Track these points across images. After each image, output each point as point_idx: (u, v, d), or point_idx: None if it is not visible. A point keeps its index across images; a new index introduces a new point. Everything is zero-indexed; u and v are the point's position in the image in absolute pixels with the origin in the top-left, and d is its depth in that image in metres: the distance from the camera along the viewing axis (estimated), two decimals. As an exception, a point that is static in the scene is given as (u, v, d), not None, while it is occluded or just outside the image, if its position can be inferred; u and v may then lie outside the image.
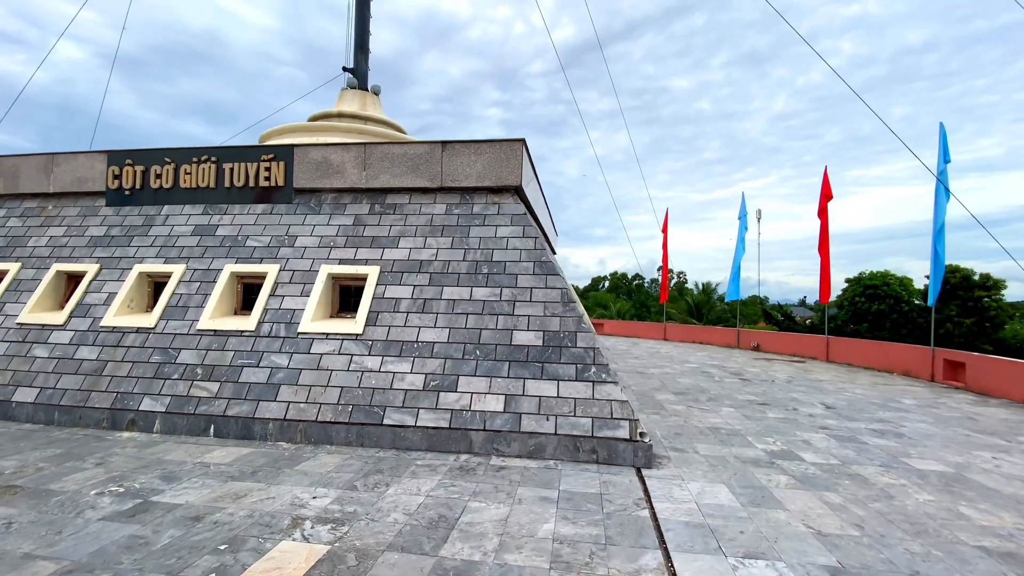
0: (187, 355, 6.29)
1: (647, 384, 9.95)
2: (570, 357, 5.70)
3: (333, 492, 4.27)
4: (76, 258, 7.53)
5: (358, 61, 13.04)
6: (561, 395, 5.45)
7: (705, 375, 11.47)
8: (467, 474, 4.75)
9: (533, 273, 6.38)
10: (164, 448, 5.35)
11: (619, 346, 17.88)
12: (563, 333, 5.87)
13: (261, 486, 4.39)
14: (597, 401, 5.37)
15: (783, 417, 7.45)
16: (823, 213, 14.25)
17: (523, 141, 7.03)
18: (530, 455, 5.22)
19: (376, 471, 4.78)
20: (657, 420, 7.01)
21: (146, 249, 7.44)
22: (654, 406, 7.92)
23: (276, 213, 7.49)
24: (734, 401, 8.54)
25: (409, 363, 5.85)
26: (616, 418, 5.23)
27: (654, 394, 8.93)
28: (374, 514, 3.87)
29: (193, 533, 3.54)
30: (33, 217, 8.15)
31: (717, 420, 7.12)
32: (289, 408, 5.69)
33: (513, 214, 6.95)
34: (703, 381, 10.60)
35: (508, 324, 6.02)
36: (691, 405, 8.09)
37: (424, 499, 4.15)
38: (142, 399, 5.98)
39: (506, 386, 5.56)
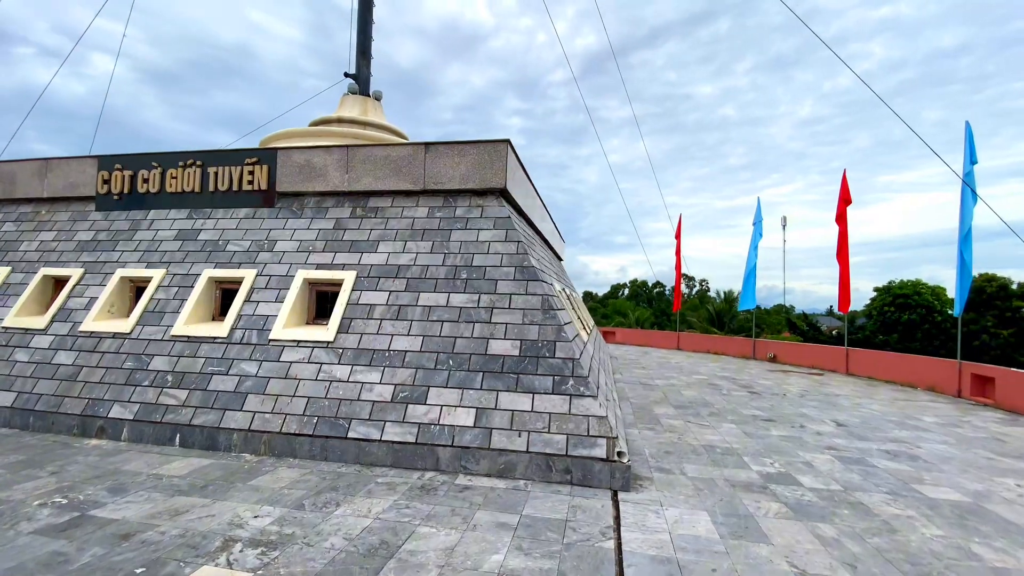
0: (159, 361, 6.15)
1: (648, 396, 9.49)
2: (547, 368, 5.35)
3: (278, 511, 4.01)
4: (63, 263, 7.53)
5: (360, 66, 13.00)
6: (536, 409, 5.10)
7: (712, 387, 10.93)
8: (427, 494, 4.43)
9: (514, 278, 6.06)
10: (125, 457, 5.18)
11: (628, 355, 17.36)
12: (541, 342, 5.53)
13: (206, 502, 4.15)
14: (573, 416, 5.00)
15: (787, 435, 6.93)
16: (842, 218, 13.57)
17: (507, 142, 6.74)
18: (500, 474, 4.88)
19: (331, 488, 4.51)
20: (650, 436, 6.59)
21: (130, 254, 7.39)
22: (650, 421, 7.48)
23: (258, 217, 7.36)
24: (737, 416, 8.03)
25: (379, 373, 5.59)
26: (593, 435, 4.86)
27: (653, 407, 8.48)
28: (312, 538, 3.58)
29: (116, 553, 3.31)
30: (27, 222, 8.21)
31: (714, 437, 6.65)
32: (255, 418, 5.47)
33: (497, 217, 6.65)
34: (709, 394, 10.07)
35: (484, 332, 5.70)
36: (690, 420, 7.63)
37: (372, 522, 3.86)
38: (112, 406, 5.86)
39: (478, 399, 5.24)
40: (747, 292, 17.12)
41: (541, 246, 9.25)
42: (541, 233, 10.61)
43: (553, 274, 8.49)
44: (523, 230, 7.19)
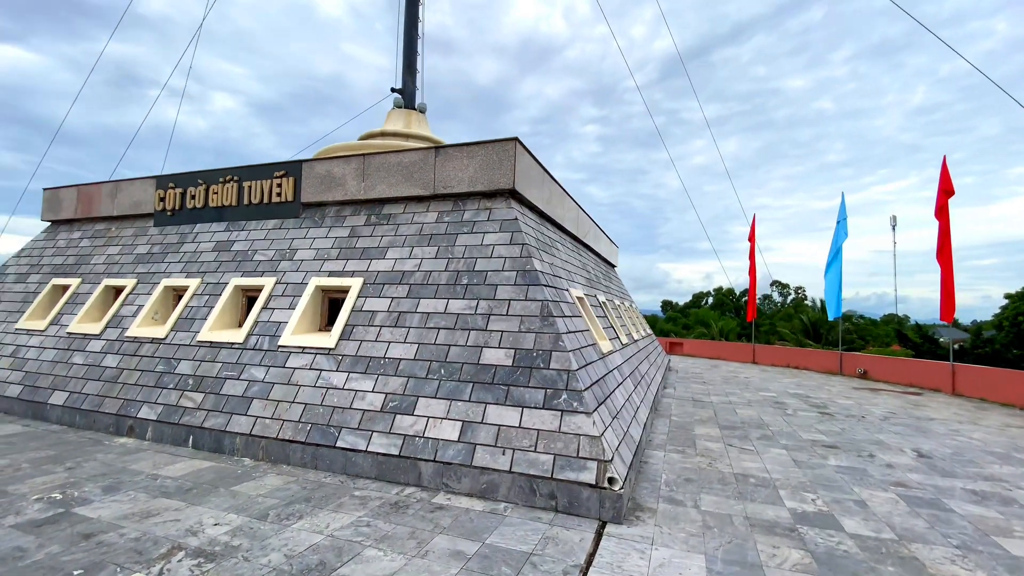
0: (185, 365, 6.47)
1: (694, 415, 8.59)
2: (540, 380, 4.89)
3: (240, 520, 3.93)
4: (122, 274, 8.26)
5: (406, 81, 13.31)
6: (524, 425, 4.66)
7: (777, 406, 9.70)
8: (396, 512, 4.16)
9: (514, 283, 5.68)
10: (137, 457, 5.43)
11: (694, 369, 16.10)
12: (536, 352, 5.09)
13: (180, 506, 4.18)
14: (563, 435, 4.50)
15: (848, 466, 5.86)
16: (942, 212, 11.62)
17: (515, 140, 6.40)
18: (481, 494, 4.49)
19: (304, 499, 4.37)
20: (675, 460, 5.85)
21: (175, 264, 7.94)
22: (684, 442, 6.70)
23: (284, 227, 7.60)
24: (793, 441, 6.97)
25: (372, 381, 5.44)
26: (583, 457, 4.33)
27: (694, 427, 7.62)
28: (255, 552, 3.43)
29: (69, 552, 3.37)
30: (99, 237, 9.15)
31: (753, 465, 5.77)
32: (256, 423, 5.54)
33: (503, 219, 6.32)
34: (769, 414, 8.93)
35: (479, 340, 5.37)
36: (733, 443, 6.73)
37: (322, 539, 3.64)
38: (141, 407, 6.23)
39: (465, 411, 4.90)
40: (832, 299, 15.24)
41: (568, 249, 8.75)
42: (575, 236, 10.10)
43: (578, 278, 7.97)
44: (535, 232, 6.78)
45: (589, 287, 8.63)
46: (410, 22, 13.47)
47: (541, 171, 7.46)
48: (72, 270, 8.82)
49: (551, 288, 5.82)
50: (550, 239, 7.62)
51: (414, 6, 13.53)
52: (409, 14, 13.47)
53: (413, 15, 13.51)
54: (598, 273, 11.04)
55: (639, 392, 7.37)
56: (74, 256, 9.08)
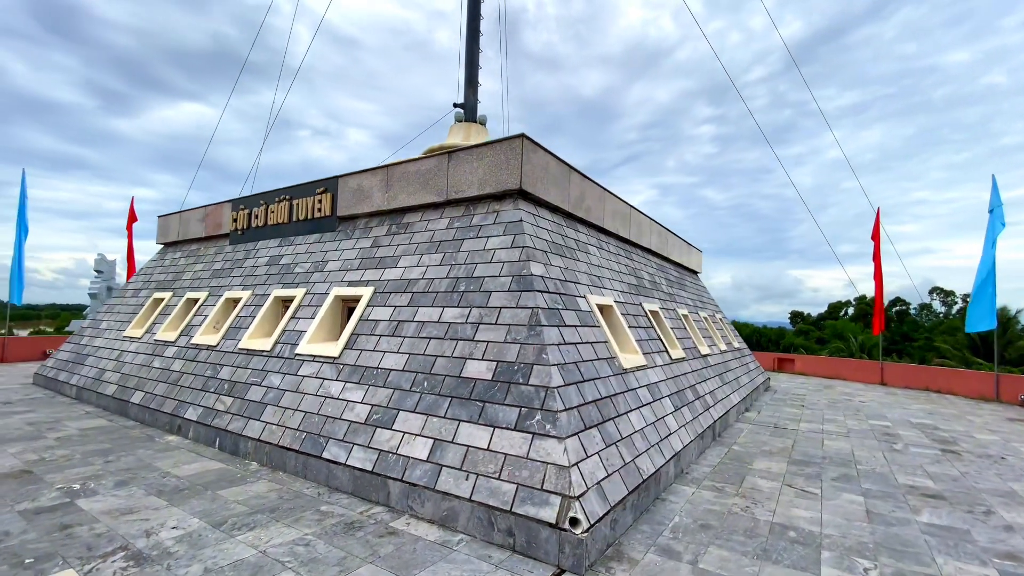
0: (225, 371, 6.96)
1: (763, 445, 7.27)
2: (516, 397, 4.36)
3: (197, 525, 3.97)
4: (199, 288, 9.25)
5: (467, 95, 13.48)
6: (492, 447, 4.17)
7: (885, 439, 7.89)
8: (345, 533, 3.92)
9: (508, 290, 5.21)
10: (168, 455, 5.88)
11: (798, 389, 13.94)
12: (517, 365, 4.57)
13: (162, 506, 4.36)
14: (530, 462, 3.93)
15: (945, 525, 4.42)
16: None
17: (522, 136, 5.97)
18: (442, 522, 4.08)
19: (271, 510, 4.33)
20: (704, 499, 4.90)
21: (237, 278, 8.69)
22: (730, 478, 5.63)
23: (322, 241, 7.93)
24: (882, 485, 5.52)
25: (363, 391, 5.32)
26: (547, 490, 3.72)
27: (755, 460, 6.42)
28: (183, 562, 3.40)
29: (41, 540, 3.62)
30: (190, 256, 10.40)
31: (805, 514, 4.61)
32: (265, 429, 5.71)
33: (508, 222, 5.89)
34: (867, 448, 7.27)
35: (464, 351, 4.98)
36: (794, 483, 5.51)
37: (253, 555, 3.52)
38: (188, 408, 6.80)
39: (439, 428, 4.54)
40: (979, 306, 12.24)
41: (610, 252, 7.96)
42: (626, 239, 9.24)
43: (613, 284, 7.18)
44: (548, 234, 6.22)
45: (634, 294, 7.78)
46: (471, 38, 13.65)
47: (564, 168, 6.91)
48: (168, 285, 10.11)
49: (552, 295, 5.25)
50: (578, 241, 6.99)
51: (475, 24, 13.70)
52: (470, 30, 13.66)
53: (474, 31, 13.68)
54: (660, 279, 10.00)
55: (682, 415, 6.39)
56: (172, 273, 10.42)
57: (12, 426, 6.87)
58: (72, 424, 7.13)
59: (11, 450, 5.81)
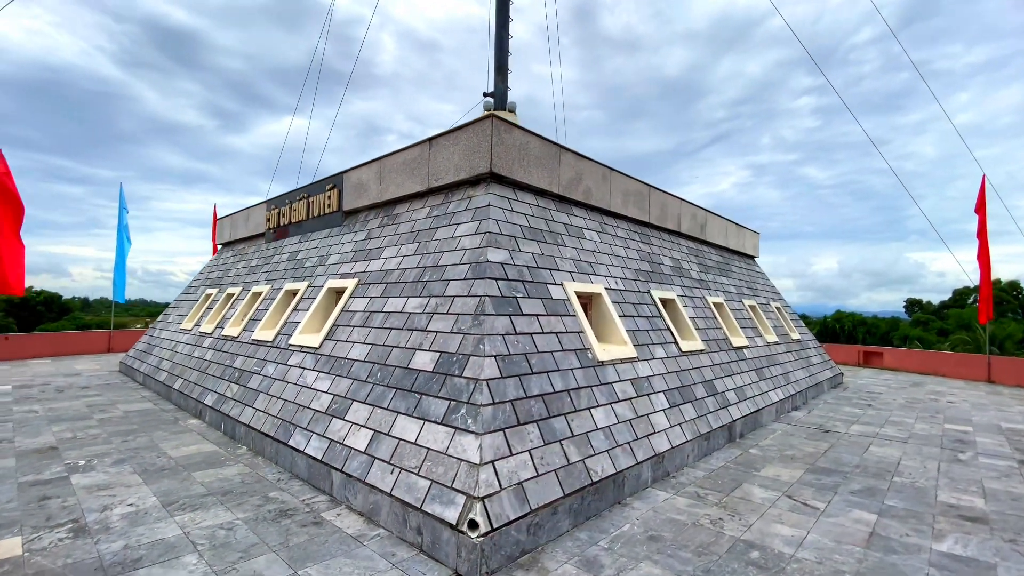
0: (239, 360, 7.43)
1: (787, 448, 6.44)
2: (449, 390, 4.16)
3: (147, 504, 4.22)
4: (236, 283, 9.98)
5: (497, 83, 13.26)
6: (419, 441, 4.01)
7: (953, 447, 6.66)
8: (273, 521, 3.98)
9: (464, 278, 4.99)
10: (175, 437, 6.35)
11: (875, 387, 12.26)
12: (456, 357, 4.35)
13: (136, 483, 4.70)
14: (448, 458, 3.72)
15: (965, 556, 3.58)
16: None
17: (492, 116, 5.68)
18: (368, 515, 4.01)
19: (223, 492, 4.51)
20: (672, 507, 4.40)
21: (264, 274, 9.25)
22: (721, 484, 5.02)
23: (330, 235, 8.19)
24: (912, 503, 4.63)
25: (330, 381, 5.38)
26: (455, 488, 3.50)
27: (764, 465, 5.68)
28: (114, 537, 3.63)
29: (15, 509, 4.05)
30: (236, 255, 11.25)
31: (788, 532, 3.97)
32: (254, 416, 5.99)
33: (477, 208, 5.65)
34: (920, 458, 6.17)
35: (416, 342, 4.85)
36: (798, 495, 4.78)
37: (176, 535, 3.67)
38: (208, 395, 7.35)
39: (380, 420, 4.46)
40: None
41: (612, 236, 7.38)
42: (646, 222, 8.57)
43: (612, 271, 6.66)
44: (524, 218, 5.88)
45: (643, 281, 7.19)
46: (500, 24, 13.39)
47: (552, 149, 6.51)
48: (216, 282, 11.03)
49: (511, 282, 4.96)
50: (569, 226, 6.57)
51: (504, 9, 13.43)
52: (500, 16, 13.41)
53: (504, 17, 13.41)
54: (690, 264, 9.18)
55: (679, 413, 5.81)
56: (222, 271, 11.36)
57: (72, 408, 7.84)
58: (121, 407, 7.99)
59: (55, 428, 6.61)
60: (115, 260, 17.14)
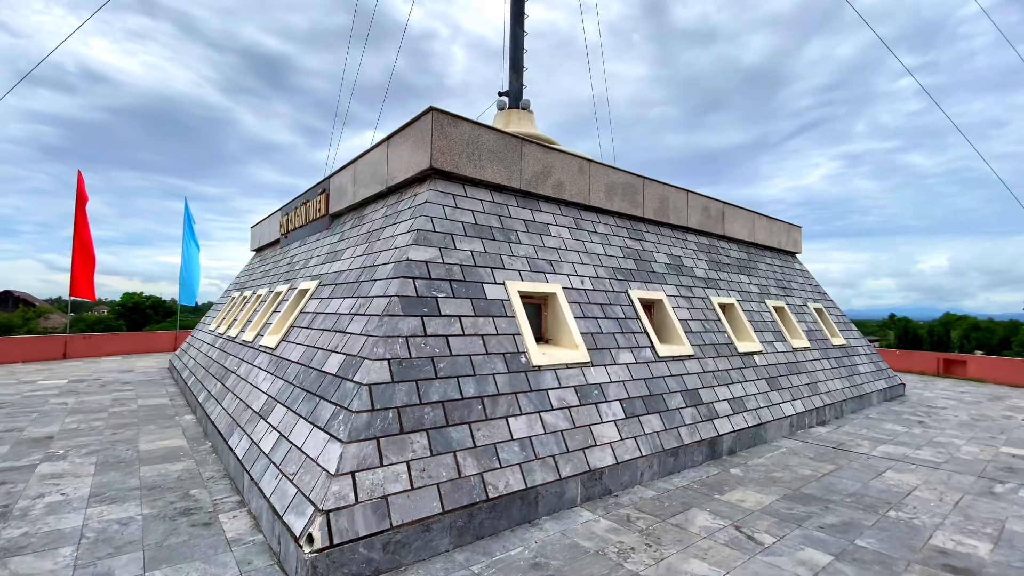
0: (228, 360, 7.75)
1: (779, 470, 5.65)
2: (339, 394, 3.99)
3: (78, 495, 4.43)
4: (250, 287, 10.51)
5: (511, 81, 13.04)
6: (304, 447, 3.88)
7: (994, 478, 5.52)
8: (170, 518, 4.02)
9: (386, 278, 4.82)
10: (163, 431, 6.71)
11: (942, 400, 10.59)
12: (355, 360, 4.18)
13: (86, 474, 4.97)
14: (315, 465, 3.56)
15: (915, 622, 2.85)
16: None
17: (431, 111, 5.47)
18: (256, 521, 3.94)
19: (151, 488, 4.65)
20: (594, 531, 3.94)
21: (269, 278, 9.65)
22: (665, 509, 4.46)
23: (318, 239, 8.37)
24: (891, 545, 3.83)
25: (270, 383, 5.43)
26: (309, 498, 3.33)
27: (735, 489, 5.00)
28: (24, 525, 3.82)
29: (-31, 498, 4.42)
30: (262, 260, 11.87)
31: (701, 571, 3.40)
32: (219, 414, 6.20)
33: (415, 205, 5.47)
34: (948, 488, 5.16)
35: (335, 343, 4.75)
36: (748, 527, 4.13)
37: (75, 527, 3.81)
38: (202, 392, 7.75)
39: (287, 423, 4.40)
40: None
41: (588, 233, 6.85)
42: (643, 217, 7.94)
43: (580, 270, 6.18)
44: (466, 215, 5.58)
45: (622, 280, 6.64)
46: (515, 20, 13.15)
47: (511, 141, 6.18)
48: (243, 286, 11.71)
49: (433, 282, 4.71)
50: (530, 222, 6.20)
51: (519, 6, 13.16)
52: (515, 12, 13.17)
53: (518, 12, 13.16)
54: (696, 262, 8.38)
55: (636, 425, 5.26)
56: (247, 276, 12.05)
57: (98, 401, 8.59)
58: (140, 402, 8.64)
59: (68, 419, 7.25)
60: (181, 266, 18.86)
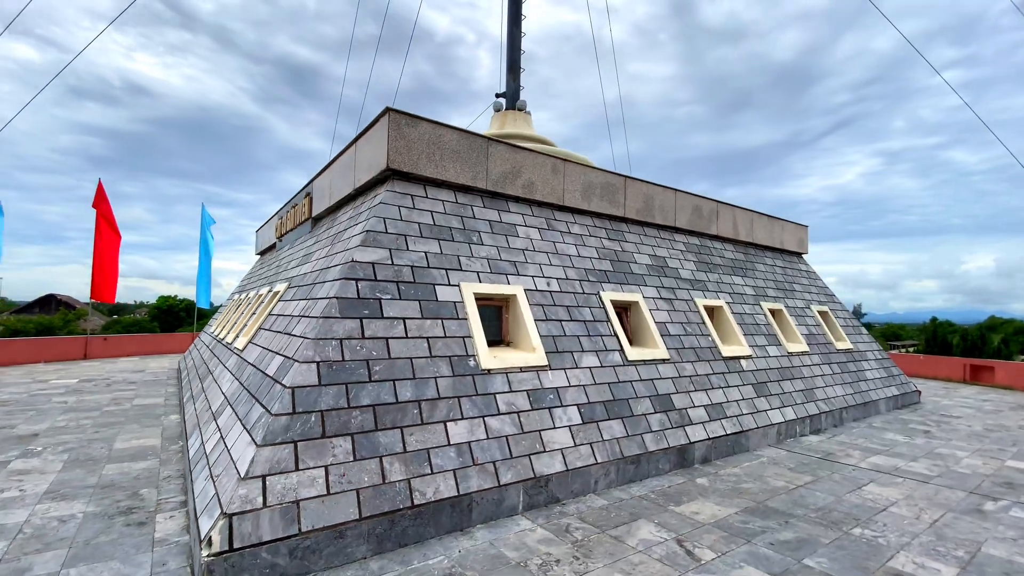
0: (212, 361, 7.91)
1: (749, 481, 5.38)
2: (268, 397, 3.98)
3: (36, 491, 4.55)
4: (246, 290, 10.71)
5: (508, 82, 12.97)
6: (232, 449, 3.88)
7: (986, 494, 5.11)
8: (110, 517, 4.07)
9: (332, 279, 4.80)
10: (143, 430, 6.85)
11: (959, 409, 9.96)
12: (287, 363, 4.16)
13: (52, 471, 5.10)
14: (233, 468, 3.54)
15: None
16: None
17: (387, 111, 5.44)
18: (190, 521, 3.95)
19: (106, 486, 4.74)
20: (526, 542, 3.81)
21: (260, 280, 9.82)
22: (609, 520, 4.28)
23: (301, 242, 8.46)
24: (842, 566, 3.56)
25: (228, 383, 5.48)
26: (220, 500, 3.30)
27: (693, 500, 4.77)
28: (-38, 522, 3.94)
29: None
30: (261, 263, 12.10)
31: (623, 583, 3.23)
32: (190, 414, 6.31)
33: (371, 207, 5.44)
34: (929, 505, 4.81)
35: (280, 346, 4.75)
36: (690, 541, 3.92)
37: (18, 522, 3.90)
38: (187, 392, 7.92)
39: (227, 425, 4.41)
40: None
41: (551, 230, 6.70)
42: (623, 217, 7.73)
43: (545, 272, 6.04)
44: (425, 215, 5.51)
45: (594, 281, 6.46)
46: (513, 21, 13.07)
47: (475, 141, 6.09)
48: (244, 288, 11.97)
49: (378, 283, 4.67)
50: (496, 223, 6.10)
51: (516, 7, 13.08)
52: (512, 14, 13.09)
53: (515, 14, 13.07)
54: (682, 263, 8.10)
55: (595, 431, 5.09)
56: (249, 279, 12.31)
57: (96, 400, 8.88)
58: (137, 401, 8.89)
59: (60, 417, 7.50)
60: (199, 270, 19.45)
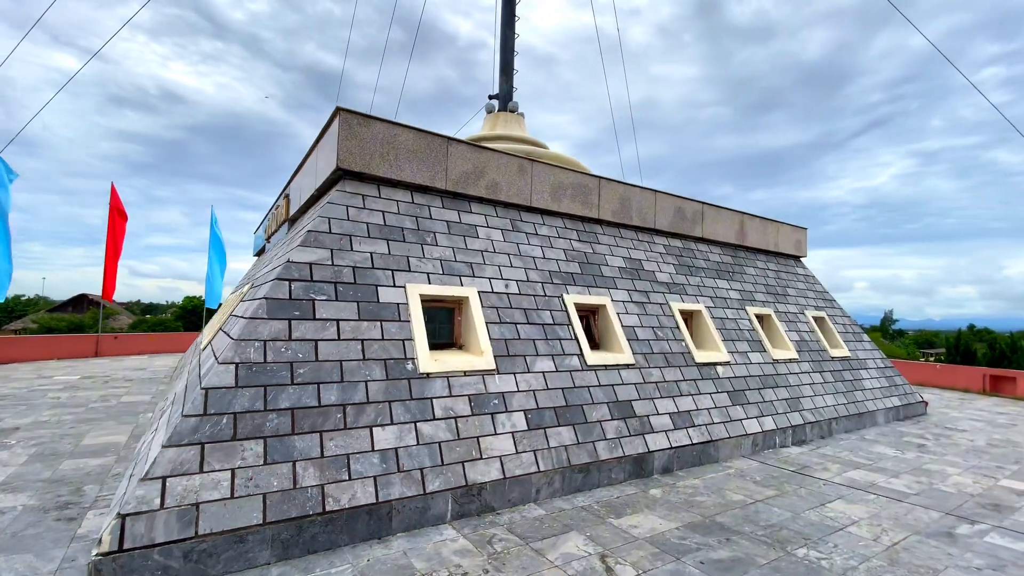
0: (190, 362, 8.03)
1: (704, 494, 5.14)
2: (188, 399, 3.96)
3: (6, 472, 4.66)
4: (238, 291, 10.88)
5: (501, 84, 12.89)
6: (150, 452, 3.87)
7: (964, 516, 4.77)
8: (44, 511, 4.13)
9: (269, 280, 4.78)
10: (118, 428, 7.01)
11: (968, 423, 9.41)
12: (221, 366, 4.14)
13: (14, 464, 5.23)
14: (143, 468, 3.52)
15: None
16: None
17: (338, 111, 5.41)
18: (112, 519, 3.96)
19: (55, 480, 4.81)
20: (442, 552, 3.70)
21: (248, 281, 9.95)
22: (535, 531, 4.13)
23: (280, 242, 8.53)
24: (765, 587, 3.34)
25: (181, 383, 5.52)
26: (122, 500, 3.29)
27: (637, 512, 4.57)
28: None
29: None
30: (254, 265, 12.29)
31: (523, 600, 3.08)
32: (153, 412, 6.40)
33: (321, 207, 5.42)
34: (896, 526, 4.50)
35: (218, 347, 4.75)
36: (615, 559, 3.75)
37: (-58, 519, 3.98)
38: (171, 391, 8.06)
39: (158, 428, 4.42)
40: None
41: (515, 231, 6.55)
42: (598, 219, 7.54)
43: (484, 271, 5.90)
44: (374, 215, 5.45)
45: (557, 284, 6.31)
46: (506, 22, 12.98)
47: (434, 140, 6.02)
48: (236, 291, 12.16)
49: (313, 284, 4.62)
50: (454, 223, 6.01)
51: (510, 7, 12.98)
52: (505, 15, 12.98)
53: (509, 15, 12.98)
54: (661, 266, 7.85)
55: (540, 438, 4.93)
56: (241, 282, 12.51)
57: (87, 396, 9.11)
58: (125, 399, 9.11)
59: (46, 412, 7.72)
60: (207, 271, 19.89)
